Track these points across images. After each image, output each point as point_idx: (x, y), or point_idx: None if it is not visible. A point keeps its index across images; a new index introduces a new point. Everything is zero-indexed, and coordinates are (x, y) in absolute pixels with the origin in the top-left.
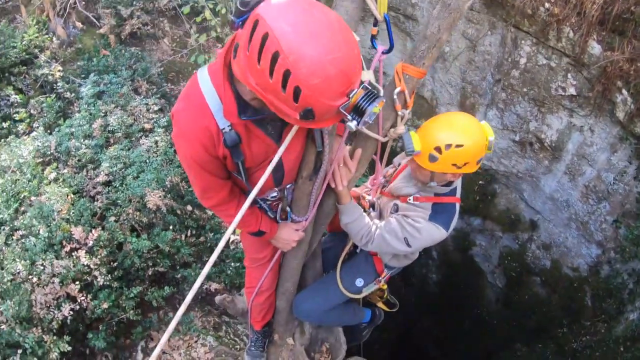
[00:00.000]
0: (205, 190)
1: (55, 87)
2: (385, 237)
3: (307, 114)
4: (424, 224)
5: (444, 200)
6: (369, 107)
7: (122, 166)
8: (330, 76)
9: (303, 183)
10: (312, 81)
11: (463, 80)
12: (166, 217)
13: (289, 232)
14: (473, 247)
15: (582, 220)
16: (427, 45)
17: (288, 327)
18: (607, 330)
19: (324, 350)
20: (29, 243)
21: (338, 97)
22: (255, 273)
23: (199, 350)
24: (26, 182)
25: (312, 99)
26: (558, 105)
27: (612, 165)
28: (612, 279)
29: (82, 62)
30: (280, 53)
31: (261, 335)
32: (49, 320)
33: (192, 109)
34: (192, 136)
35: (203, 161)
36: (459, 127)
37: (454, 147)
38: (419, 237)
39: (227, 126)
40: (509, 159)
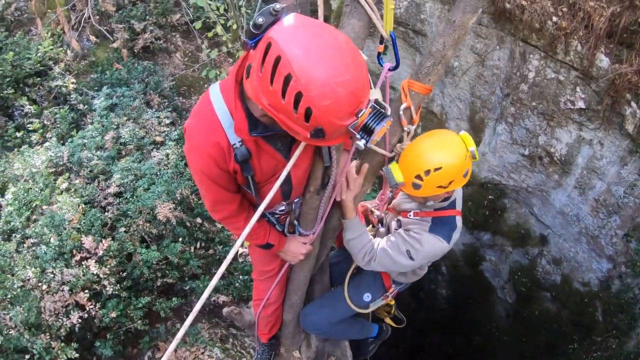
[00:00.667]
0: (215, 203)
1: (69, 99)
2: (388, 252)
3: (318, 133)
4: (425, 235)
5: (443, 214)
6: (377, 127)
7: (133, 178)
8: (340, 97)
9: (311, 197)
10: (323, 102)
11: (472, 95)
12: (176, 229)
13: (297, 245)
14: (483, 262)
15: (593, 234)
16: (432, 62)
17: (295, 340)
18: (618, 345)
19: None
20: (39, 251)
21: (347, 117)
22: (263, 286)
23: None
24: (38, 191)
25: (323, 119)
26: (567, 119)
27: (622, 179)
28: (623, 293)
29: (95, 75)
30: (293, 76)
31: (267, 348)
32: (57, 327)
33: (204, 125)
34: (203, 151)
35: (214, 175)
36: (435, 149)
37: (433, 172)
38: (421, 248)
39: (237, 142)
40: (518, 174)
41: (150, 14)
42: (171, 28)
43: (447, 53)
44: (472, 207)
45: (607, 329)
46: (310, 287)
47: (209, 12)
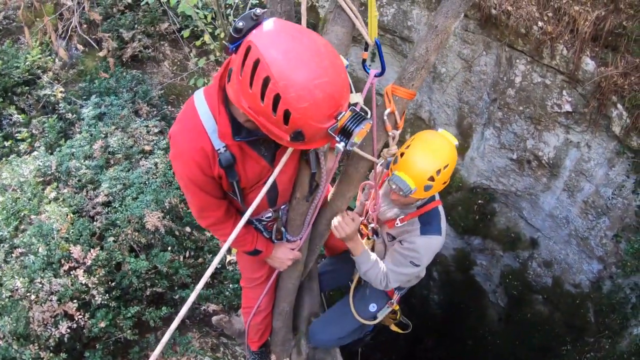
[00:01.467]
0: (202, 210)
1: (57, 108)
2: (397, 271)
3: (297, 136)
4: (418, 240)
5: (427, 208)
6: (355, 129)
7: (122, 187)
8: (318, 100)
9: (297, 203)
10: (300, 105)
11: (460, 101)
12: (165, 238)
13: (284, 251)
14: (474, 266)
15: (582, 236)
16: (415, 67)
17: (285, 347)
18: (611, 346)
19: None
20: (28, 261)
21: (326, 119)
22: (252, 293)
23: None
24: (26, 201)
25: (302, 122)
26: (554, 123)
27: (610, 180)
28: (615, 294)
29: (83, 84)
30: (271, 78)
31: (258, 356)
32: (46, 337)
33: (189, 131)
34: (188, 157)
35: (199, 181)
36: (437, 149)
37: (443, 170)
38: (422, 254)
39: (222, 147)
40: (507, 178)
41: (138, 23)
42: (159, 37)
43: (430, 58)
44: (461, 211)
45: (599, 329)
46: (299, 294)
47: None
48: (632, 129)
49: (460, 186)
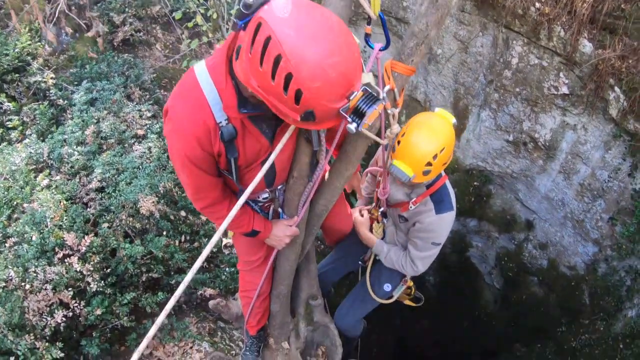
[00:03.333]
0: (198, 190)
1: (48, 95)
2: (424, 256)
3: (308, 116)
4: (434, 220)
5: (436, 186)
6: (368, 110)
7: (115, 172)
8: (331, 79)
9: (294, 183)
10: (313, 84)
11: (456, 82)
12: (160, 223)
13: (281, 229)
14: (470, 248)
15: (578, 218)
16: (415, 42)
17: (283, 330)
18: (606, 328)
19: (319, 353)
20: (21, 250)
21: (338, 99)
22: (249, 277)
23: (194, 357)
24: (19, 189)
25: (313, 102)
26: (551, 105)
27: (606, 163)
28: (610, 276)
29: (74, 69)
30: (283, 56)
31: (256, 340)
32: (41, 327)
33: (190, 103)
34: (188, 131)
35: (197, 158)
36: (434, 135)
37: (440, 153)
38: (440, 232)
39: (224, 120)
40: (503, 160)
41: (129, 6)
42: (151, 20)
43: (430, 33)
44: (457, 193)
45: (594, 311)
46: (296, 277)
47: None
48: (629, 112)
49: (456, 168)
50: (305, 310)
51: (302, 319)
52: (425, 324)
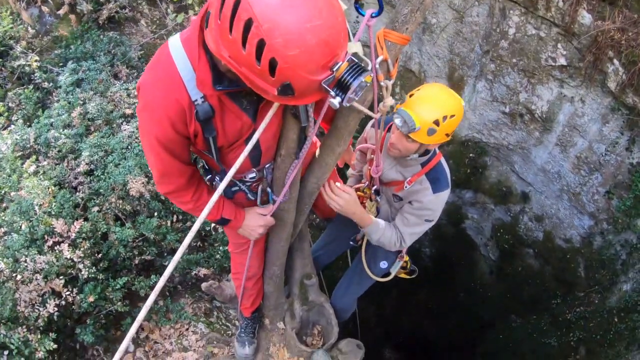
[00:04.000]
0: (164, 175)
1: (33, 78)
2: (412, 231)
3: (286, 90)
4: (432, 199)
5: (431, 164)
6: (354, 82)
7: (104, 154)
8: (310, 47)
9: (282, 161)
10: (289, 52)
11: (451, 52)
12: (150, 204)
13: (254, 218)
14: (465, 220)
15: (574, 191)
16: (410, 9)
17: (278, 311)
18: (600, 301)
19: (315, 333)
20: (10, 240)
21: (320, 70)
22: (240, 259)
23: (190, 338)
24: (6, 178)
25: (290, 73)
26: (548, 76)
27: (603, 136)
28: (605, 250)
29: (59, 51)
30: (254, 20)
31: (251, 322)
32: (34, 318)
33: (162, 80)
34: (160, 111)
35: (168, 140)
36: (446, 97)
37: (449, 118)
38: (434, 209)
39: (199, 98)
40: (499, 131)
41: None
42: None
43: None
44: (453, 165)
45: (589, 284)
46: (289, 257)
47: None
48: (628, 86)
49: (451, 140)
50: (300, 290)
51: (297, 298)
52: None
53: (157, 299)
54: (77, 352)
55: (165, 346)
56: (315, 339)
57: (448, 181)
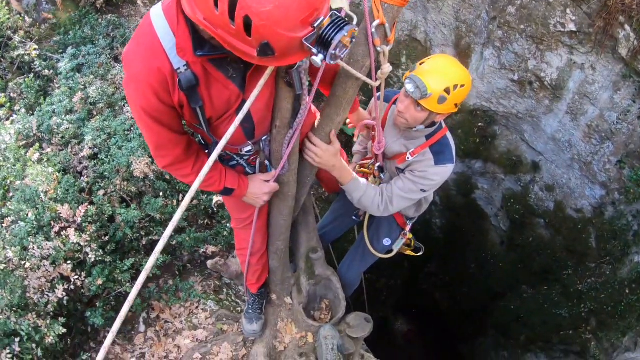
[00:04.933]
0: (158, 147)
1: (33, 67)
2: (403, 196)
3: (265, 50)
4: (431, 169)
5: (436, 138)
6: (335, 37)
7: (106, 137)
8: (285, 1)
9: (278, 133)
10: (263, 8)
11: (457, 20)
12: (155, 184)
13: (257, 186)
14: (475, 190)
15: (585, 160)
16: None
17: (284, 286)
18: (612, 272)
19: (323, 307)
20: (18, 228)
21: (299, 27)
22: (243, 234)
23: (200, 317)
24: (11, 167)
25: (267, 30)
26: (557, 43)
27: (615, 104)
28: (617, 220)
29: (58, 37)
30: None
31: (258, 297)
32: (44, 304)
33: (143, 49)
34: (143, 81)
35: (155, 111)
36: (457, 67)
37: (459, 87)
38: (434, 181)
39: (182, 66)
40: (508, 100)
41: None
42: None
43: None
44: (462, 135)
45: (600, 255)
46: (294, 231)
47: None
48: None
49: (459, 109)
50: (306, 264)
51: (304, 273)
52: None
53: (166, 277)
54: (89, 335)
55: (175, 325)
56: (324, 313)
57: (452, 156)
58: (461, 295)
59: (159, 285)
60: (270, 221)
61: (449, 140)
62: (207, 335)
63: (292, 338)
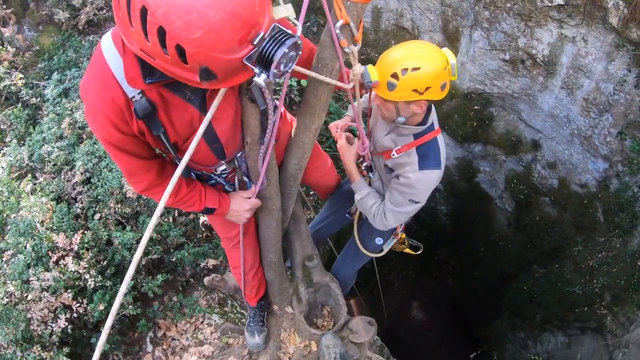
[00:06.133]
0: (130, 174)
1: (20, 96)
2: (397, 211)
3: (207, 74)
4: (415, 175)
5: (425, 139)
6: (276, 53)
7: (97, 160)
8: (215, 24)
9: (250, 149)
10: (193, 34)
11: (442, 4)
12: (150, 203)
13: (238, 202)
14: (478, 174)
15: (585, 134)
16: None
17: (283, 296)
18: (622, 245)
19: (325, 313)
20: (17, 261)
21: (236, 47)
22: (235, 253)
23: (205, 332)
24: (5, 200)
25: (202, 56)
26: (546, 18)
27: (610, 75)
28: (622, 192)
29: (43, 64)
30: (148, 7)
31: (258, 310)
32: (48, 334)
33: (96, 81)
34: (99, 113)
35: (118, 141)
36: (413, 51)
37: (410, 71)
38: (419, 189)
39: (137, 94)
40: (501, 80)
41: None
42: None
43: None
44: (458, 119)
45: (609, 228)
46: (288, 240)
47: None
48: (631, 20)
49: (454, 93)
50: (303, 273)
51: (301, 282)
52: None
53: (170, 295)
54: None
55: (182, 342)
56: (326, 320)
57: (439, 161)
58: (473, 279)
59: (163, 303)
60: (260, 235)
61: (437, 144)
62: (213, 351)
63: (296, 348)
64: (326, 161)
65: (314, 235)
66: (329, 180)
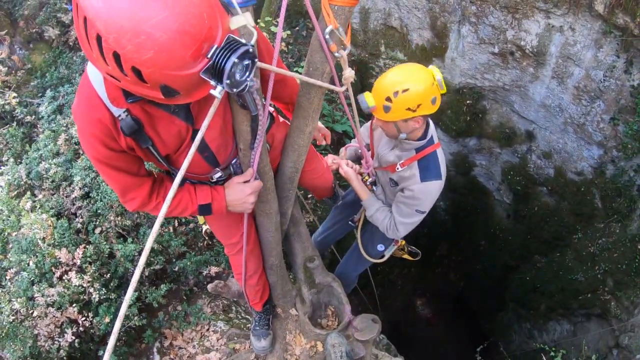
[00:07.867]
0: (124, 193)
1: (15, 115)
2: (405, 222)
3: (168, 91)
4: (418, 187)
5: (426, 152)
6: (226, 64)
7: (95, 175)
8: (164, 43)
9: (244, 155)
10: (144, 56)
11: (429, 1)
12: (149, 215)
13: (237, 190)
14: (474, 167)
15: (578, 122)
16: None
17: (287, 298)
18: (621, 229)
19: (329, 314)
20: (21, 279)
21: (190, 63)
22: (238, 260)
23: (211, 339)
24: (6, 219)
25: (158, 75)
26: (532, 9)
27: (599, 62)
28: (619, 177)
29: (35, 82)
30: (101, 35)
31: (264, 314)
32: (55, 350)
33: (84, 103)
34: (87, 133)
35: (108, 159)
36: (402, 74)
37: (401, 93)
38: (423, 199)
39: (122, 113)
40: (492, 73)
41: None
42: None
43: None
44: (451, 115)
45: (607, 214)
46: (288, 243)
47: None
48: (616, 6)
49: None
50: (305, 274)
51: (304, 283)
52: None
53: (174, 304)
54: None
55: (189, 350)
56: (330, 320)
57: (439, 172)
58: (475, 273)
59: (168, 312)
60: (260, 240)
61: (437, 156)
62: (220, 357)
63: (302, 349)
64: (321, 163)
65: (319, 242)
66: (325, 182)
